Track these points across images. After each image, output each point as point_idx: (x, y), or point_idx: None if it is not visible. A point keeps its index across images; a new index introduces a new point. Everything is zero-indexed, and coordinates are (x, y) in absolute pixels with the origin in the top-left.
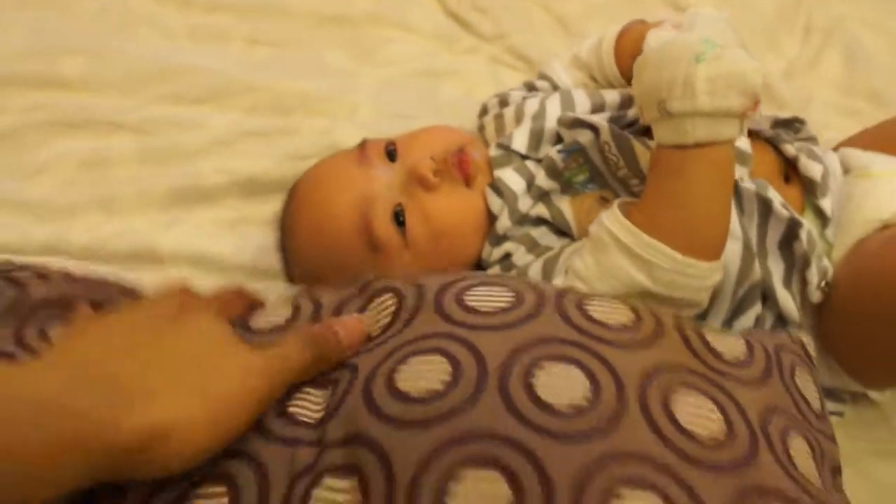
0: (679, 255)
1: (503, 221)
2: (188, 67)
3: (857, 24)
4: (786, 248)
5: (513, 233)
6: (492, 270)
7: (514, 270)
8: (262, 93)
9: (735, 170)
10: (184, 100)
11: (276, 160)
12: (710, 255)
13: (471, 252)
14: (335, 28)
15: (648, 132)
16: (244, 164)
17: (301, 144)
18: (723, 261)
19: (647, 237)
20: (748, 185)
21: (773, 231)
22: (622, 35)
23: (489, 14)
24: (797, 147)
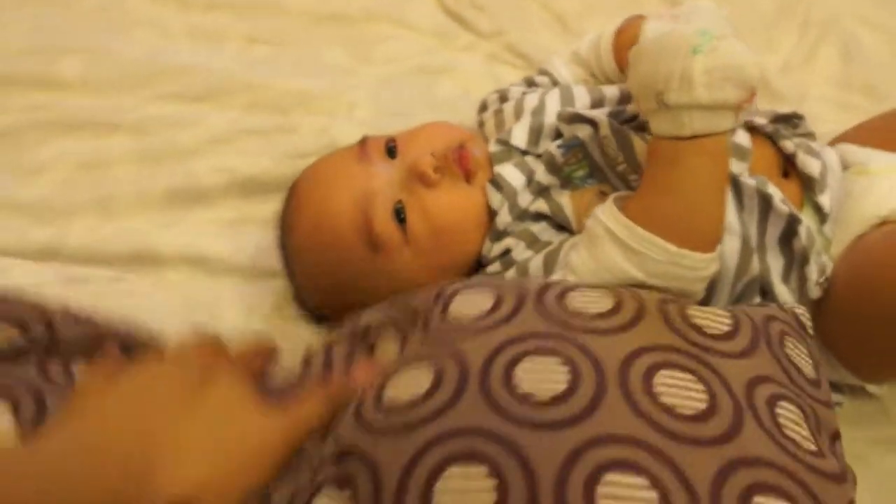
0: (673, 247)
1: (503, 217)
2: (186, 66)
3: (854, 20)
4: (785, 245)
5: (513, 228)
6: (492, 266)
7: (515, 266)
8: (261, 91)
9: (735, 165)
10: (182, 99)
11: (275, 158)
12: (705, 247)
13: (471, 248)
14: (333, 26)
15: (648, 127)
16: (243, 163)
17: (300, 142)
18: (720, 254)
19: (642, 230)
20: (748, 181)
21: (773, 227)
22: (621, 31)
23: (487, 11)
24: (796, 143)
